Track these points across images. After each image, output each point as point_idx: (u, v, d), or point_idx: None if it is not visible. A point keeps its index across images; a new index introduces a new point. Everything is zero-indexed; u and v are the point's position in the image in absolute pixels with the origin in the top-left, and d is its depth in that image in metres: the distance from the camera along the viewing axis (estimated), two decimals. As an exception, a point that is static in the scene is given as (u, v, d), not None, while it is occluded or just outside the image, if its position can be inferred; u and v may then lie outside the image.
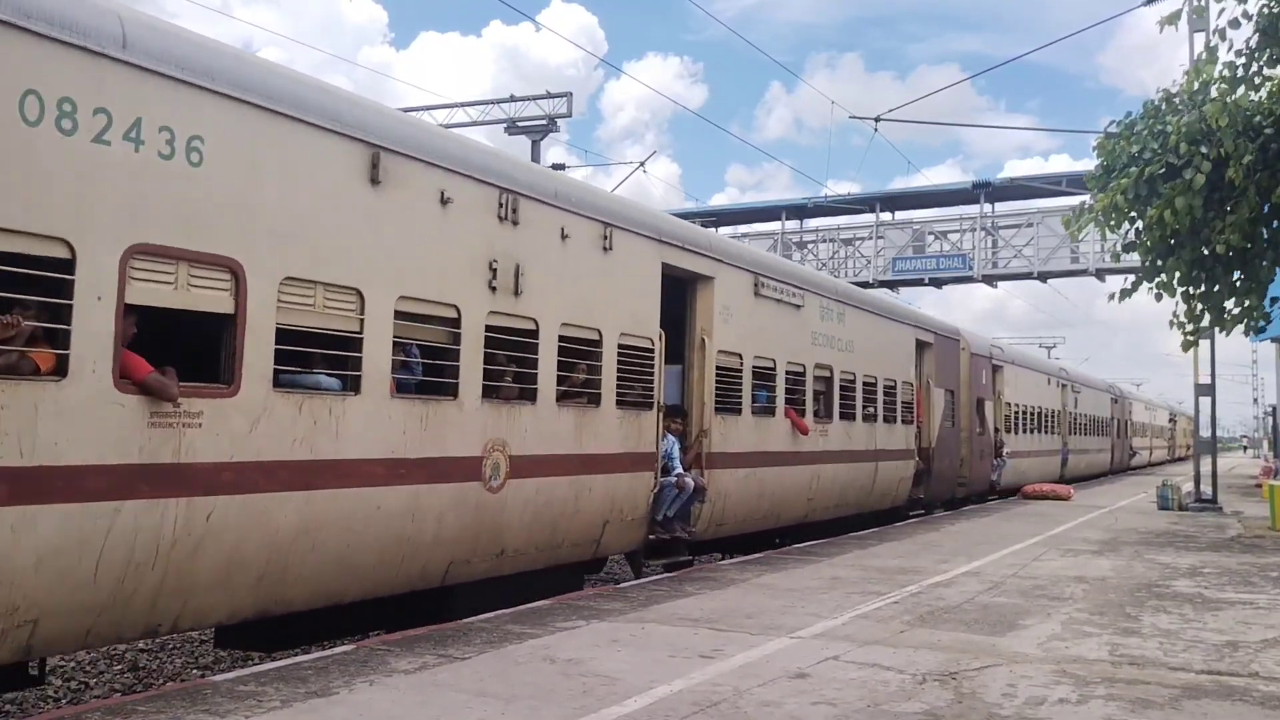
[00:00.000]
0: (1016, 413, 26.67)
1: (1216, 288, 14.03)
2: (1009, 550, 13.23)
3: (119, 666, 9.23)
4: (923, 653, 6.81)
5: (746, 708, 5.40)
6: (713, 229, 20.07)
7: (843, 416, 15.24)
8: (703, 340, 11.56)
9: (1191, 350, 17.49)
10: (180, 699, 5.41)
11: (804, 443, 13.83)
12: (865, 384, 16.11)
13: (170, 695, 5.53)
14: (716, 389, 11.63)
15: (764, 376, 12.96)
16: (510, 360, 8.64)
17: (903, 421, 17.75)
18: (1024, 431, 27.45)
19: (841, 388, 15.21)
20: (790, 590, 9.51)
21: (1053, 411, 31.02)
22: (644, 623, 7.81)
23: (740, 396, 12.19)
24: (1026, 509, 21.26)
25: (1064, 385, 32.57)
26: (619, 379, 9.89)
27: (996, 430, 24.44)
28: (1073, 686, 5.98)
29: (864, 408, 16.02)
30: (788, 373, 13.58)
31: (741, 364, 12.23)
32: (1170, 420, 71.12)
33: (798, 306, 13.83)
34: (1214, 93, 13.15)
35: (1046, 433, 30.04)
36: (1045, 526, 16.86)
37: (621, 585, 9.86)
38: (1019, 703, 5.59)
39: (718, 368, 11.64)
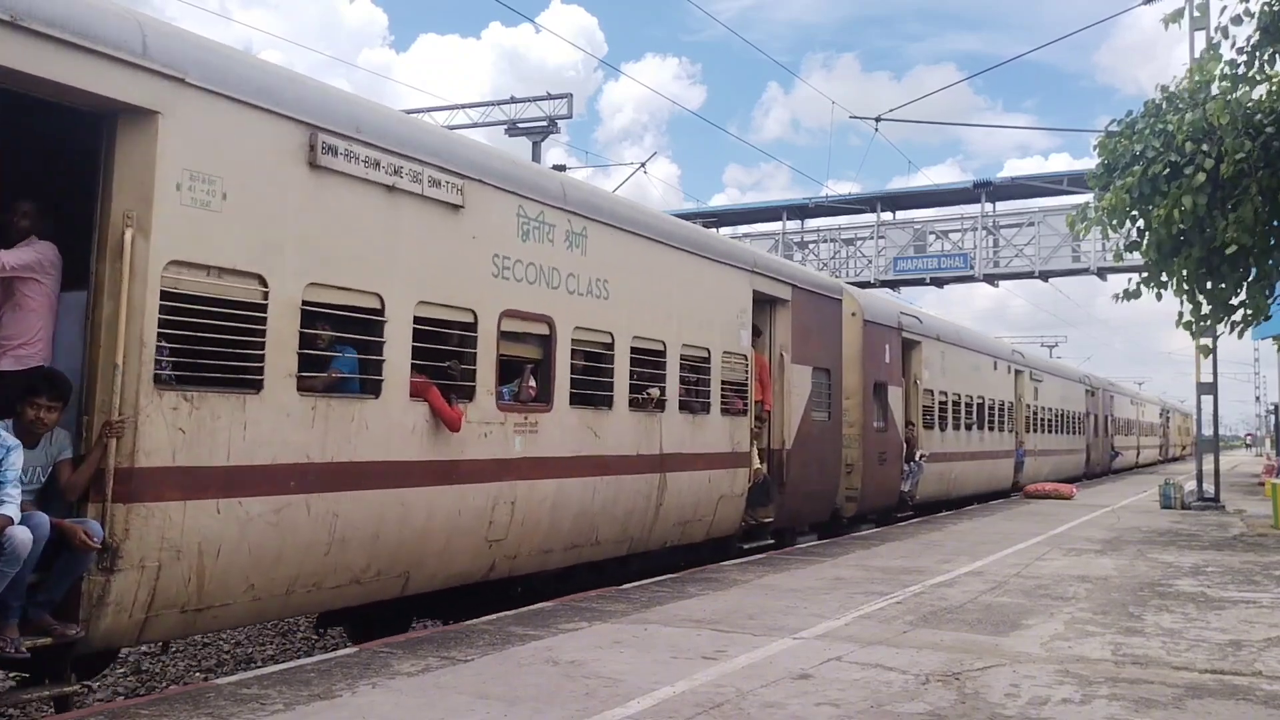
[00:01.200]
0: (942, 403, 20.49)
1: (1223, 285, 14.04)
2: (1011, 550, 13.22)
3: (121, 670, 9.23)
4: (926, 653, 6.80)
5: (750, 709, 5.39)
6: (714, 229, 18.31)
7: (579, 401, 9.36)
8: (126, 238, 5.79)
9: (1198, 348, 17.49)
10: (183, 702, 5.41)
11: (471, 445, 7.96)
12: (640, 351, 10.29)
13: (173, 699, 5.53)
14: (168, 337, 5.96)
15: (348, 323, 7.13)
16: None
17: (726, 411, 11.79)
18: (956, 428, 21.42)
19: (583, 355, 9.48)
20: (793, 591, 9.50)
21: (1001, 403, 24.87)
22: (647, 624, 7.81)
23: (259, 357, 6.42)
24: (1029, 508, 21.27)
25: (1019, 371, 26.71)
26: None
27: (909, 425, 18.61)
28: (1076, 686, 5.97)
29: (635, 389, 10.17)
30: (426, 321, 7.72)
31: (267, 296, 6.48)
32: (1162, 416, 63.75)
33: (453, 206, 7.87)
34: (1215, 90, 13.17)
35: (991, 429, 23.93)
36: (1048, 526, 16.84)
37: (624, 586, 9.86)
38: (1022, 703, 5.59)
39: (172, 295, 5.95)
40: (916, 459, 18.54)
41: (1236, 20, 12.96)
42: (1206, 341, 14.88)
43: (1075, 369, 39.64)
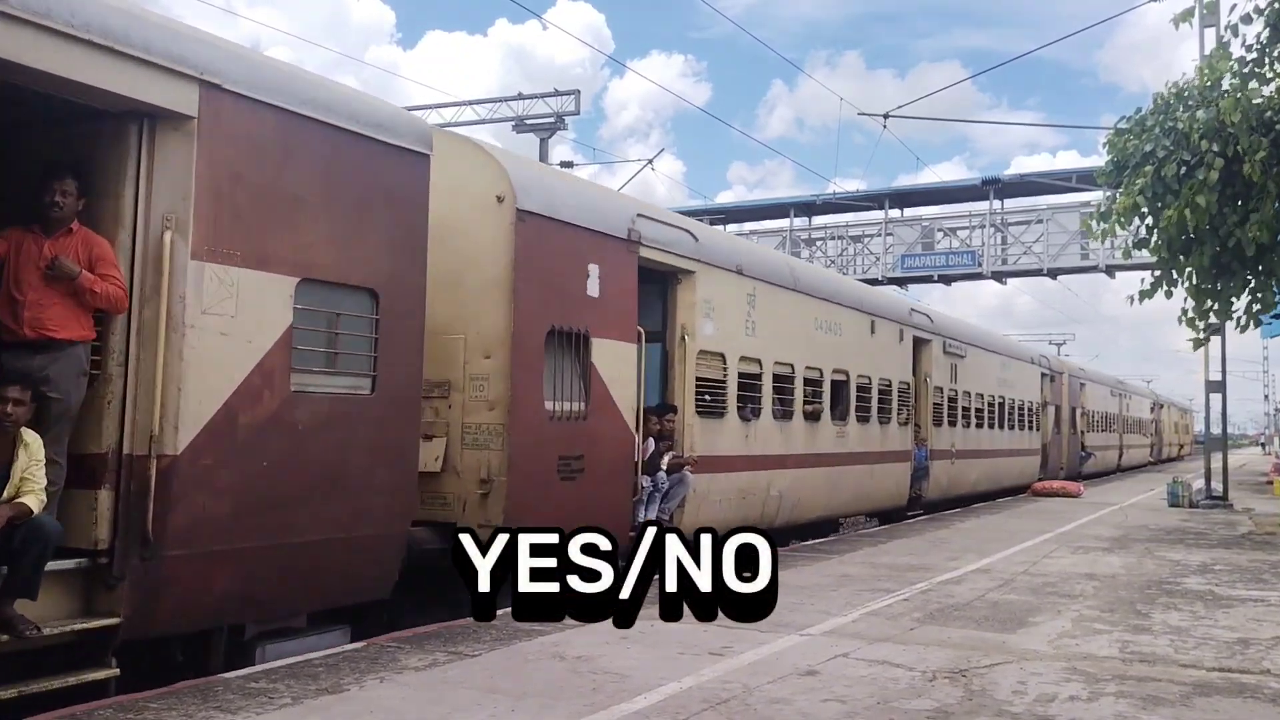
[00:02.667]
0: (752, 377, 12.44)
1: (1232, 284, 13.98)
2: (1019, 547, 13.19)
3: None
4: (933, 650, 6.80)
5: (756, 705, 5.40)
6: (720, 227, 17.54)
7: None
8: None
9: (1201, 347, 17.42)
10: (192, 696, 5.44)
11: None
12: None
13: (182, 692, 5.55)
14: None
15: None
16: None
17: None
18: (784, 417, 13.25)
19: None
20: (800, 587, 9.49)
21: (888, 383, 16.77)
22: (654, 620, 7.80)
23: None
24: (1036, 506, 21.23)
25: (922, 340, 18.57)
26: None
27: (668, 413, 10.83)
28: (1083, 684, 5.97)
29: None
30: None
31: None
32: (1153, 410, 53.76)
33: None
34: (1226, 86, 13.10)
35: (863, 420, 15.75)
36: (1055, 523, 16.81)
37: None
38: (1029, 700, 5.58)
39: None
40: (667, 468, 10.63)
41: (1246, 19, 12.91)
42: (1198, 335, 14.76)
43: (1027, 347, 30.54)
